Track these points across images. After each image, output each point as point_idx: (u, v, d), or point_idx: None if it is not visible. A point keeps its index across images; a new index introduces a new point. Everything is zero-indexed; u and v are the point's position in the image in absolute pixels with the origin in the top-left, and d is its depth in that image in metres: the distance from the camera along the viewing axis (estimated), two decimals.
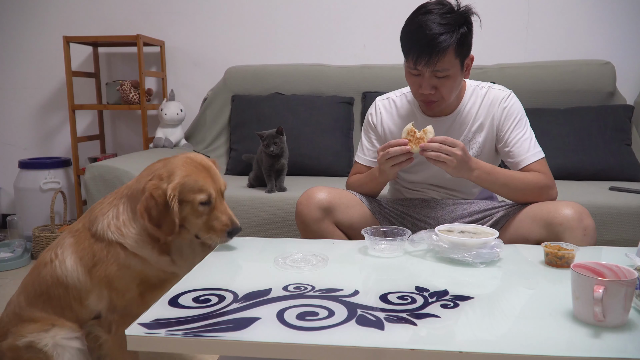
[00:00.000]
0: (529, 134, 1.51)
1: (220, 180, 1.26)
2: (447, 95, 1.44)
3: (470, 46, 1.43)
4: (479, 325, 0.87)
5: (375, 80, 2.79)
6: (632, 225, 1.94)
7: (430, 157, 1.34)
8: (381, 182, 1.55)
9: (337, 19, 3.01)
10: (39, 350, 1.16)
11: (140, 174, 1.26)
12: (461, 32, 1.37)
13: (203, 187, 1.20)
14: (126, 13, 3.15)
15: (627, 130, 2.54)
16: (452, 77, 1.41)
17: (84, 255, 1.19)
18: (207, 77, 3.10)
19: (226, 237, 1.23)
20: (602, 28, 2.84)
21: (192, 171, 1.20)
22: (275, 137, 2.16)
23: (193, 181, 1.19)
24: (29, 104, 3.31)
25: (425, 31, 1.35)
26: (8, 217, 3.01)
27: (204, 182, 1.20)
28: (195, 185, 1.19)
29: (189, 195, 1.18)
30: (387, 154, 1.37)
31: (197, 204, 1.19)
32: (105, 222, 1.20)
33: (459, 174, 1.38)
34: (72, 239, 1.23)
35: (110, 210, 1.22)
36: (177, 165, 1.20)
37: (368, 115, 1.67)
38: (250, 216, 2.09)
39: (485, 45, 2.79)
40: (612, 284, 0.82)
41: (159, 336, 0.82)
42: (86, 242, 1.21)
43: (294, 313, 0.89)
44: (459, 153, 1.33)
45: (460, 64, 1.41)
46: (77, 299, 1.20)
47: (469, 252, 1.15)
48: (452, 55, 1.37)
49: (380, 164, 1.42)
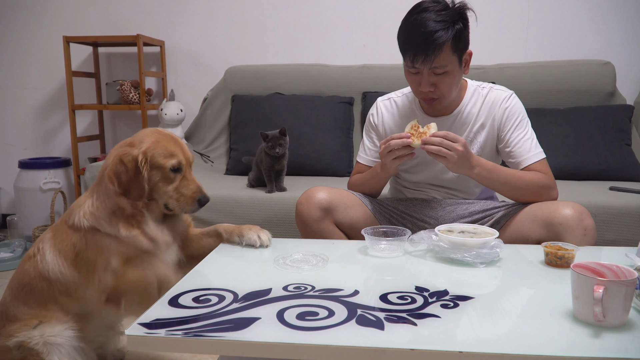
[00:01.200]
0: (530, 135, 1.51)
1: (188, 152, 1.27)
2: (447, 92, 1.44)
3: (467, 41, 1.44)
4: (479, 325, 0.87)
5: (375, 80, 2.79)
6: (632, 225, 1.94)
7: (431, 151, 1.35)
8: (383, 178, 1.55)
9: (337, 19, 3.01)
10: (30, 349, 1.16)
11: (106, 158, 1.26)
12: (457, 28, 1.38)
13: (174, 153, 1.21)
14: (126, 13, 3.15)
15: (627, 130, 2.54)
16: (451, 73, 1.42)
17: (62, 248, 1.20)
18: (207, 77, 3.10)
19: (196, 205, 1.24)
20: (602, 28, 2.84)
21: (161, 139, 1.22)
22: (279, 138, 2.16)
23: (163, 147, 1.20)
24: (29, 104, 3.31)
25: (421, 29, 1.36)
26: (8, 217, 3.01)
27: (174, 149, 1.22)
28: (165, 151, 1.20)
29: (159, 160, 1.19)
30: (389, 146, 1.38)
31: (167, 169, 1.20)
32: (80, 212, 1.21)
33: (459, 170, 1.39)
34: (50, 233, 1.25)
35: (85, 201, 1.23)
36: (146, 133, 1.23)
37: (369, 116, 1.67)
38: (250, 216, 2.09)
39: (485, 45, 2.79)
40: (612, 284, 0.82)
41: (159, 336, 0.82)
42: (64, 234, 1.21)
43: (294, 313, 0.89)
44: (460, 149, 1.33)
45: (458, 59, 1.42)
46: (64, 292, 1.20)
47: (469, 252, 1.15)
48: (449, 51, 1.38)
49: (382, 157, 1.44)
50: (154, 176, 1.20)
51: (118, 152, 1.19)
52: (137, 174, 1.17)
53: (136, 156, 1.17)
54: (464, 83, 1.57)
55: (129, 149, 1.19)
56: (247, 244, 1.30)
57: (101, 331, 1.37)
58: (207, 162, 2.81)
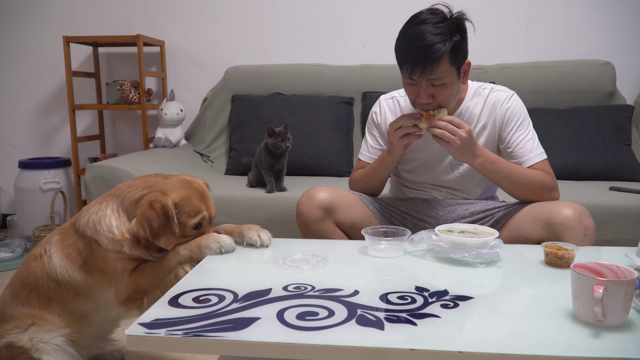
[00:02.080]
0: (531, 135, 1.51)
1: (212, 208, 1.28)
2: (445, 103, 1.43)
3: (465, 53, 1.42)
4: (479, 325, 0.87)
5: (375, 80, 2.79)
6: (632, 225, 1.94)
7: (435, 134, 1.37)
8: (389, 163, 1.53)
9: (337, 19, 3.01)
10: (18, 348, 1.16)
11: (133, 181, 1.25)
12: (454, 40, 1.36)
13: (199, 210, 1.22)
14: (126, 13, 3.15)
15: (627, 130, 2.54)
16: (449, 85, 1.40)
17: (70, 252, 1.21)
18: (207, 77, 3.10)
19: None
20: (602, 28, 2.84)
21: (190, 194, 1.22)
22: (286, 133, 2.17)
23: (190, 204, 1.20)
24: (29, 104, 3.31)
25: (418, 42, 1.34)
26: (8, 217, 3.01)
27: (201, 206, 1.22)
28: (192, 209, 1.20)
29: (184, 218, 1.20)
30: (398, 122, 1.41)
31: (190, 226, 1.21)
32: (86, 217, 1.21)
33: (462, 157, 1.39)
34: (58, 235, 1.25)
35: (93, 206, 1.23)
36: (175, 185, 1.22)
37: (372, 114, 1.68)
38: (250, 216, 2.09)
39: (485, 45, 2.79)
40: (612, 284, 0.82)
41: (159, 336, 0.82)
42: (71, 238, 1.22)
43: (294, 313, 0.89)
44: (463, 135, 1.34)
45: (457, 71, 1.40)
46: (73, 292, 1.21)
47: (469, 252, 1.15)
48: (446, 63, 1.36)
49: (389, 135, 1.46)
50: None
51: (149, 197, 1.17)
52: (167, 220, 1.16)
53: (167, 203, 1.16)
54: (465, 84, 1.56)
55: (159, 196, 1.17)
56: (247, 243, 1.30)
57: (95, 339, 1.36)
58: (207, 162, 2.81)
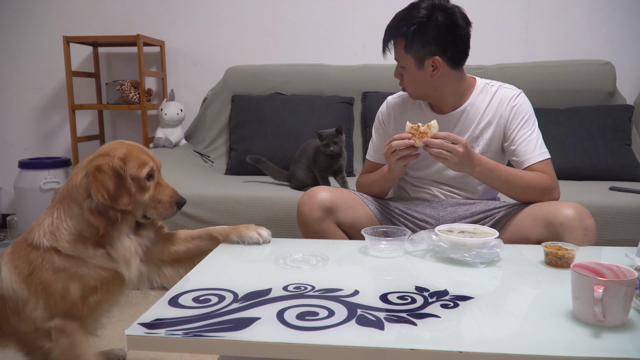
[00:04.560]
0: (535, 134, 1.51)
1: (156, 158, 1.27)
2: (408, 86, 1.54)
3: (431, 46, 1.44)
4: (479, 325, 0.87)
5: (375, 80, 2.79)
6: (632, 225, 1.94)
7: (432, 153, 1.36)
8: (390, 179, 1.55)
9: (337, 19, 3.01)
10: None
11: (70, 176, 1.22)
12: (413, 29, 1.43)
13: (145, 161, 1.20)
14: (126, 13, 3.15)
15: (627, 130, 2.54)
16: (408, 71, 1.50)
17: (18, 264, 1.16)
18: (207, 77, 3.10)
19: (175, 209, 1.23)
20: (602, 28, 2.84)
21: (129, 149, 1.21)
22: (335, 136, 2.11)
23: (134, 157, 1.19)
24: (29, 104, 3.31)
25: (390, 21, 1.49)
26: (8, 217, 3.01)
27: (145, 157, 1.21)
28: (138, 160, 1.19)
29: (134, 171, 1.18)
30: (391, 147, 1.39)
31: (143, 178, 1.19)
32: (40, 231, 1.17)
33: (460, 169, 1.40)
34: (10, 248, 1.20)
35: (45, 219, 1.19)
36: (113, 146, 1.21)
37: (378, 114, 1.69)
38: (251, 216, 2.09)
39: (485, 45, 2.79)
40: (612, 284, 0.82)
41: (159, 336, 0.82)
42: (22, 251, 1.17)
43: (294, 313, 0.89)
44: (460, 150, 1.34)
45: (415, 60, 1.47)
46: (15, 311, 1.15)
47: (469, 252, 1.15)
48: (401, 49, 1.48)
49: (386, 158, 1.45)
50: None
51: (94, 163, 1.15)
52: (120, 178, 1.15)
53: (115, 163, 1.14)
54: (472, 80, 1.57)
55: (105, 159, 1.15)
56: (248, 243, 1.30)
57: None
58: (207, 162, 2.81)
